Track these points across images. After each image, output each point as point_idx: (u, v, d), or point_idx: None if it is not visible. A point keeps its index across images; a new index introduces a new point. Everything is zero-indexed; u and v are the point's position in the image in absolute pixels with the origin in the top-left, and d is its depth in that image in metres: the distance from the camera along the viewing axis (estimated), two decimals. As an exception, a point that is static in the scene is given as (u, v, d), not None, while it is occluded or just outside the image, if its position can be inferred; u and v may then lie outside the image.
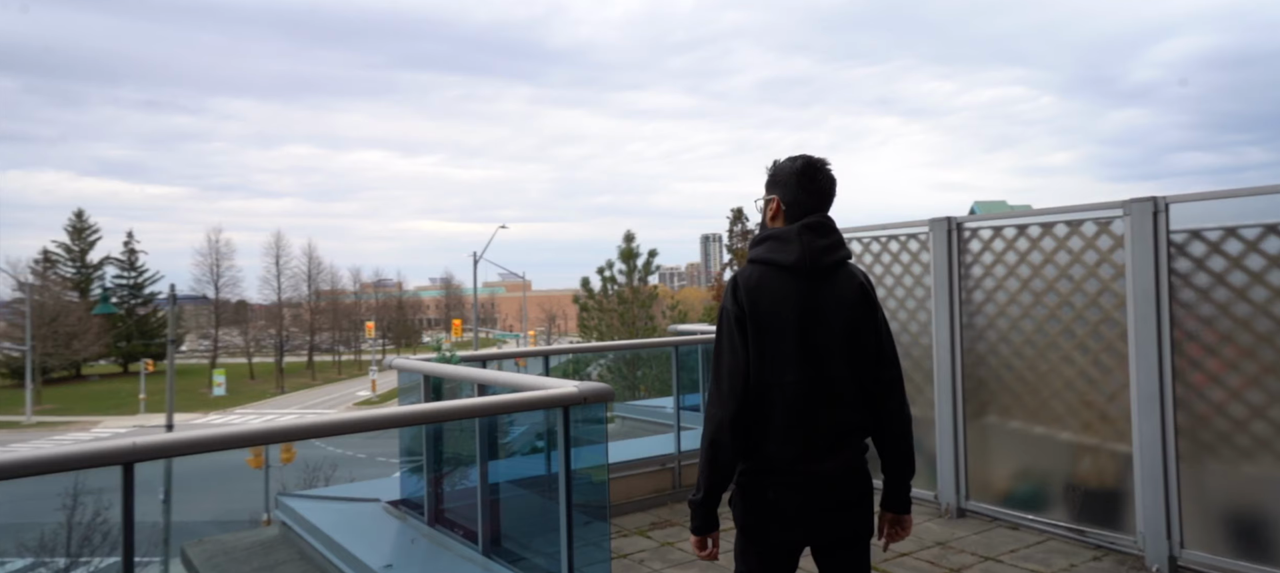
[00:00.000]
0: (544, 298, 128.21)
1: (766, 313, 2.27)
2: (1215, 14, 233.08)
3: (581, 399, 2.76)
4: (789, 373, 2.26)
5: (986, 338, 5.18)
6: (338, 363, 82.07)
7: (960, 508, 5.24)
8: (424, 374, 4.15)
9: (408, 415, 2.51)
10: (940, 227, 5.35)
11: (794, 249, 2.31)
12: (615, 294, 23.27)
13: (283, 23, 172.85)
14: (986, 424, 5.21)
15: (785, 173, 2.43)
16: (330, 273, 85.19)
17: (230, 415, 52.08)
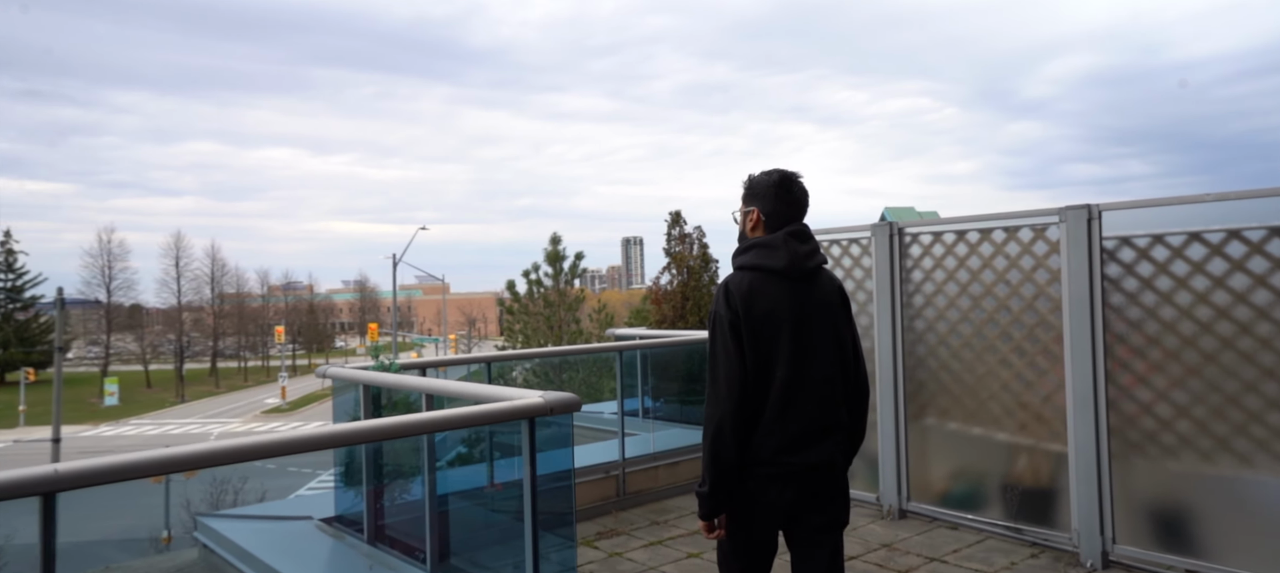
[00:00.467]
0: (463, 301, 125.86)
1: (760, 315, 2.42)
2: (1099, 35, 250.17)
3: (548, 410, 2.63)
4: (781, 370, 2.42)
5: (926, 341, 5.29)
6: (244, 370, 78.13)
7: (902, 510, 5.34)
8: (363, 384, 3.91)
9: (365, 432, 2.32)
10: (882, 231, 5.44)
11: (782, 255, 2.47)
12: (541, 297, 22.97)
13: (183, 12, 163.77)
14: (926, 426, 5.32)
15: (763, 186, 2.58)
16: (236, 275, 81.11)
17: (123, 427, 48.82)
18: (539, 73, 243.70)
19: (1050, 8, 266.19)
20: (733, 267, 2.61)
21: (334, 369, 4.28)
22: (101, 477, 2.00)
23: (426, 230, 37.54)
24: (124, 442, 43.24)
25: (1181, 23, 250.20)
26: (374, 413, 3.99)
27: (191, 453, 2.18)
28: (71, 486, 1.88)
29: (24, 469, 1.92)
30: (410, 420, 2.47)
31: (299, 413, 53.30)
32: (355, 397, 4.29)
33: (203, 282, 74.34)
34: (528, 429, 2.63)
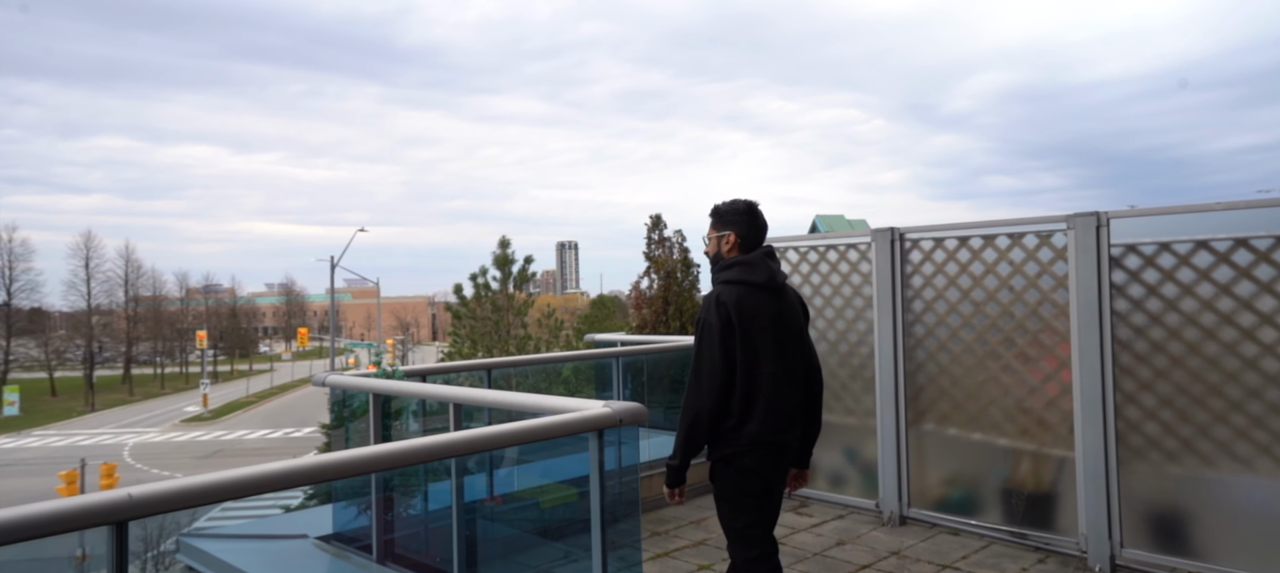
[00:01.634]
0: (395, 305, 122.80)
1: (748, 322, 2.90)
2: (1015, 53, 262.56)
3: (617, 421, 2.48)
4: (767, 366, 2.91)
5: (926, 346, 5.32)
6: (161, 377, 74.15)
7: (903, 516, 5.35)
8: (373, 392, 3.65)
9: (437, 447, 2.12)
10: (883, 237, 5.45)
11: (763, 272, 2.99)
12: (489, 301, 22.50)
13: (93, 1, 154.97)
14: (925, 431, 5.35)
15: (736, 214, 3.10)
16: (152, 277, 77.04)
17: (26, 439, 45.65)
18: (473, 75, 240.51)
19: (971, 26, 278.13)
20: (718, 282, 3.03)
21: (335, 377, 3.99)
22: (177, 501, 1.75)
23: (365, 232, 36.40)
24: (28, 454, 40.42)
25: (1091, 44, 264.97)
26: (383, 423, 3.74)
27: (283, 471, 1.94)
28: (146, 512, 1.64)
29: (96, 495, 1.67)
30: (476, 436, 2.27)
31: (222, 421, 50.89)
32: (351, 406, 4.03)
33: (115, 284, 70.42)
34: (597, 442, 2.47)
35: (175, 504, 1.72)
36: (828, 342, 5.88)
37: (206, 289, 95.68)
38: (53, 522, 1.55)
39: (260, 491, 1.93)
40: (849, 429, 5.80)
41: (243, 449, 40.86)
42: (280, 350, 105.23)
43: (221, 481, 1.85)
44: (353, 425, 4.05)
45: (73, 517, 1.57)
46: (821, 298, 5.91)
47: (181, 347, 79.29)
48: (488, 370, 4.95)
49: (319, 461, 2.04)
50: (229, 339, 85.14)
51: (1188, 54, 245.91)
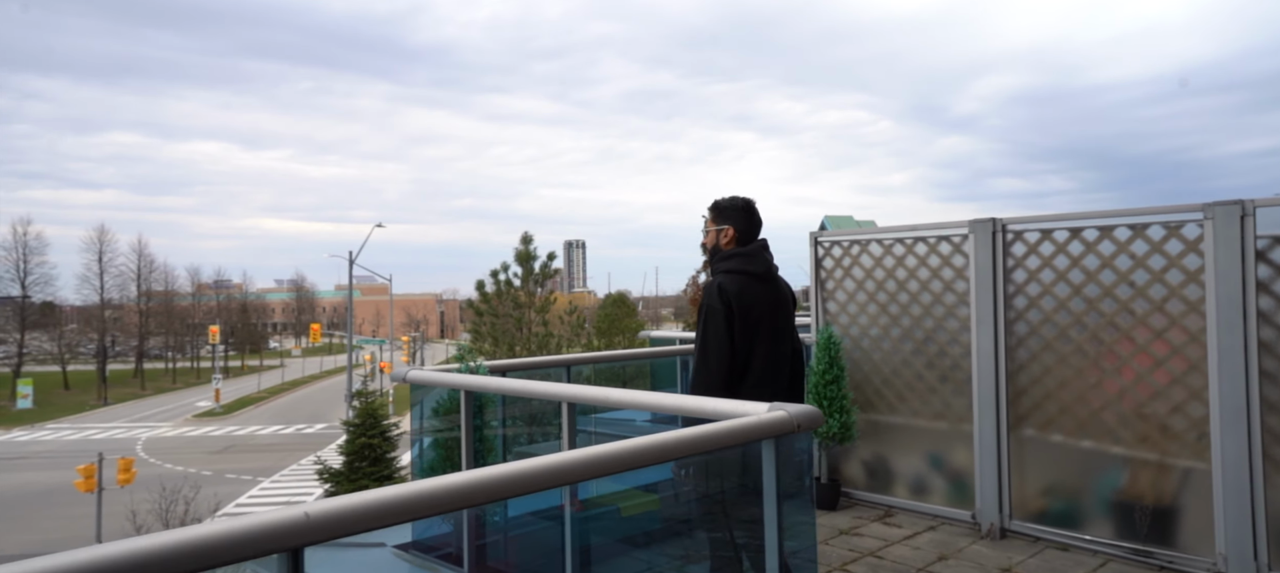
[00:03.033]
0: (404, 303, 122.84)
1: (748, 308, 3.16)
2: (1023, 56, 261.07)
3: (794, 426, 2.14)
4: (763, 348, 3.20)
5: (1028, 346, 4.96)
6: (172, 371, 74.15)
7: (1003, 528, 4.98)
8: (466, 390, 3.32)
9: (620, 456, 1.79)
10: (984, 229, 5.09)
11: (761, 263, 3.30)
12: (510, 298, 22.21)
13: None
14: (1026, 437, 4.98)
15: (734, 210, 3.38)
16: (164, 272, 77.09)
17: (39, 432, 45.64)
18: (483, 73, 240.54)
19: (979, 29, 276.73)
20: (719, 271, 3.29)
21: (417, 372, 3.66)
22: (359, 521, 1.43)
23: (382, 227, 36.16)
24: (42, 448, 40.35)
25: (1099, 46, 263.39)
26: (476, 422, 3.41)
27: (465, 485, 1.62)
28: (325, 535, 1.33)
29: (269, 516, 1.34)
30: (652, 445, 1.93)
31: (234, 417, 50.78)
32: (435, 404, 3.70)
33: (128, 278, 70.42)
34: (773, 450, 2.13)
35: (356, 524, 1.40)
36: (913, 341, 5.53)
37: (217, 285, 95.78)
38: (223, 548, 1.22)
39: (448, 508, 1.61)
40: (934, 434, 5.45)
41: (255, 445, 40.71)
42: (290, 346, 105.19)
43: (402, 496, 1.52)
44: (432, 424, 3.72)
45: (244, 543, 1.24)
46: (907, 294, 5.56)
47: (193, 342, 79.33)
48: (567, 367, 4.62)
49: (507, 472, 1.70)
50: (240, 335, 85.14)
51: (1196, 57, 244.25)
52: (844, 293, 5.97)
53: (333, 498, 1.43)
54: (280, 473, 33.51)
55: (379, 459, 18.19)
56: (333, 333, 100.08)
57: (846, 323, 5.94)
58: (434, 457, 3.60)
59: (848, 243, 5.92)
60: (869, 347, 5.81)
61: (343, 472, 18.22)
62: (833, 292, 6.05)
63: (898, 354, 5.64)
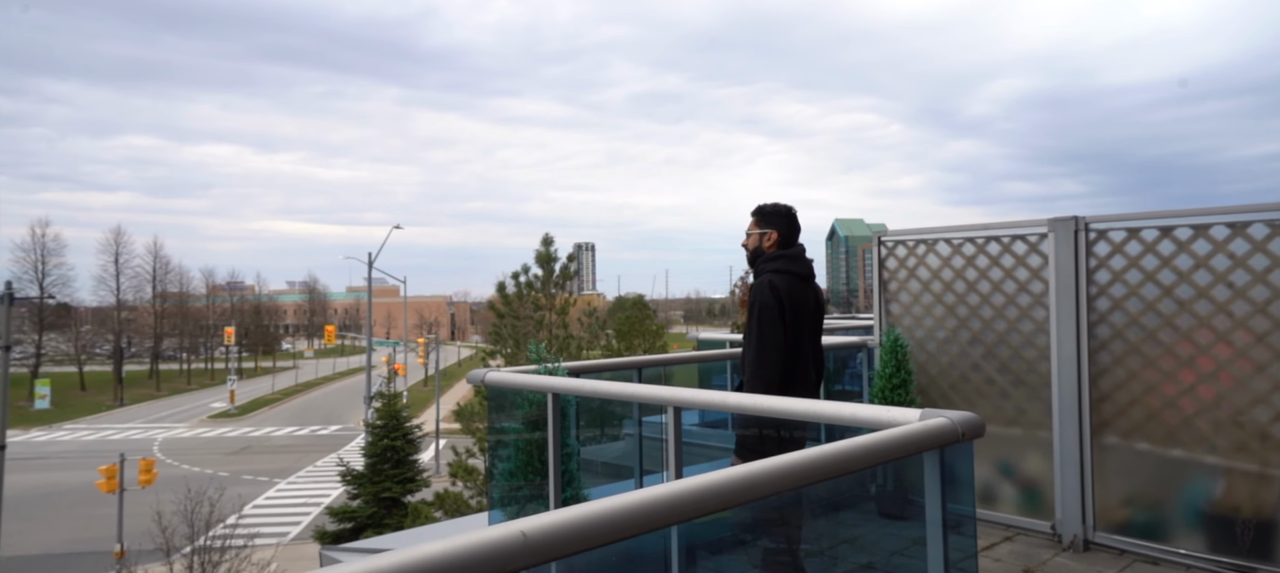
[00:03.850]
0: (416, 304, 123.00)
1: (795, 306, 3.38)
2: (1034, 59, 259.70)
3: (959, 436, 1.97)
4: (805, 344, 3.43)
5: (1111, 349, 4.77)
6: (186, 372, 74.45)
7: (1087, 540, 4.79)
8: (553, 393, 3.17)
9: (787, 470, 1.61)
10: (1065, 228, 4.90)
11: (805, 265, 3.55)
12: (531, 300, 22.08)
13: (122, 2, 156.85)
14: (1108, 445, 4.79)
15: (777, 215, 3.62)
16: (179, 274, 77.40)
17: (57, 432, 45.86)
18: (493, 77, 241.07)
19: (990, 32, 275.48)
20: (768, 271, 3.47)
21: (494, 374, 3.50)
22: (578, 539, 1.26)
23: (401, 229, 36.14)
24: (60, 448, 40.52)
25: (1112, 50, 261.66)
26: (562, 425, 3.26)
27: (697, 492, 1.45)
28: (547, 556, 1.17)
29: (485, 534, 1.18)
30: (815, 459, 1.77)
31: (248, 418, 50.89)
32: (519, 406, 3.55)
33: (143, 280, 70.76)
34: (937, 463, 1.96)
35: (576, 543, 1.24)
36: (984, 344, 5.34)
37: (231, 286, 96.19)
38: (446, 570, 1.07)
39: (678, 518, 1.45)
40: (1007, 440, 5.26)
41: (271, 446, 40.76)
42: (303, 348, 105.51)
43: (624, 509, 1.35)
44: (513, 428, 3.57)
45: (462, 565, 1.09)
46: (978, 295, 5.37)
47: (207, 343, 79.66)
48: (638, 369, 4.46)
49: (732, 477, 1.53)
50: (253, 336, 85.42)
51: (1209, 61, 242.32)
52: (908, 294, 5.79)
53: (547, 513, 1.27)
54: (297, 474, 33.50)
55: (402, 461, 18.08)
56: (345, 335, 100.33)
57: (910, 325, 5.76)
58: (516, 461, 3.44)
59: (913, 243, 5.74)
60: (935, 350, 5.63)
61: (366, 474, 18.12)
62: (896, 293, 5.87)
63: (967, 358, 5.45)
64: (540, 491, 3.43)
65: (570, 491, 3.32)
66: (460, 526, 4.45)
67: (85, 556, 22.19)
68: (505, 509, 3.59)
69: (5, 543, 17.52)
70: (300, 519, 26.19)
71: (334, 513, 18.05)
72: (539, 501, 3.36)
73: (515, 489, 3.47)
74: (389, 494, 17.38)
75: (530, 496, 3.42)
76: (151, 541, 17.10)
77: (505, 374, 3.51)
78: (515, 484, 3.49)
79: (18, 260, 61.06)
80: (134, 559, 17.21)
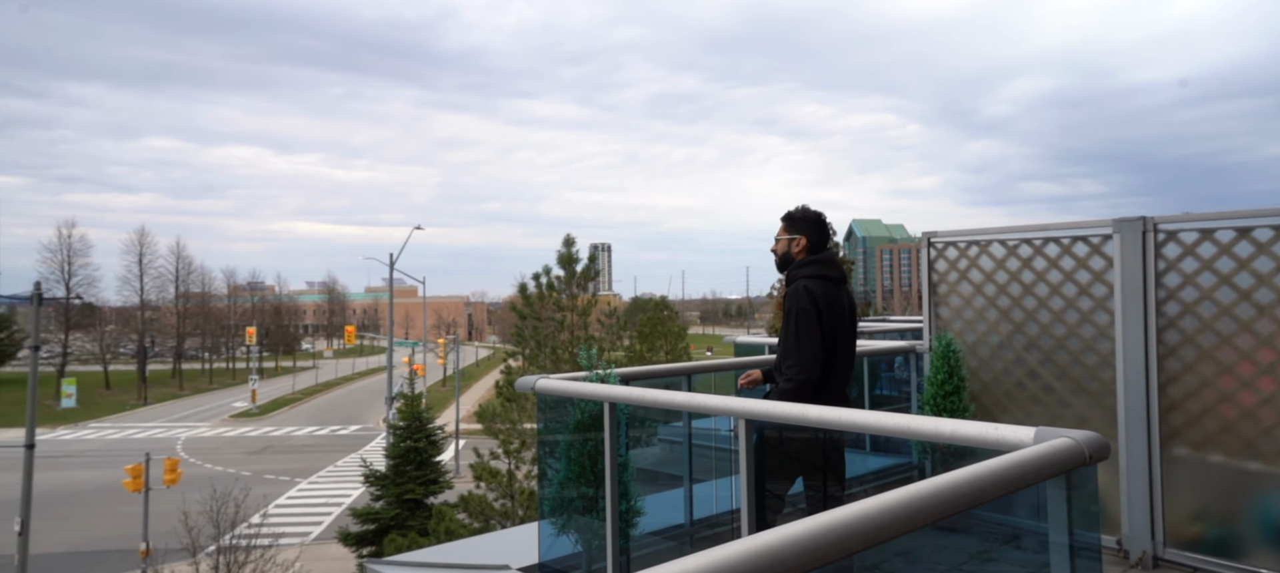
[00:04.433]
0: (434, 305, 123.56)
1: (830, 309, 3.44)
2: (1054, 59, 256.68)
3: (1085, 458, 1.79)
4: (840, 346, 3.51)
5: (1181, 356, 4.55)
6: (208, 372, 75.17)
7: (1156, 557, 4.57)
8: (610, 402, 3.02)
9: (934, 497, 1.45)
10: (1132, 229, 4.68)
11: (837, 269, 3.62)
12: (553, 302, 21.96)
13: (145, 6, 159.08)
14: (1176, 457, 4.57)
15: (806, 221, 3.68)
16: (201, 274, 78.17)
17: (83, 431, 46.41)
18: (509, 78, 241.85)
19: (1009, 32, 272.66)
20: (801, 276, 3.52)
21: (545, 381, 3.36)
22: None
23: (421, 230, 36.22)
24: (86, 446, 40.98)
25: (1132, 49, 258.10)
26: (619, 435, 3.11)
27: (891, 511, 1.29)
28: None
29: (707, 559, 1.02)
30: (940, 489, 1.60)
31: (270, 417, 51.24)
32: (575, 416, 3.40)
33: (166, 280, 71.51)
34: (1063, 491, 1.79)
35: None
36: (1041, 349, 5.13)
37: (251, 287, 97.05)
38: None
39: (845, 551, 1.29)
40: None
41: (292, 446, 40.98)
42: (322, 348, 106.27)
43: (793, 540, 1.19)
44: (564, 437, 3.42)
45: None
46: (1034, 298, 5.16)
47: (228, 343, 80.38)
48: (687, 375, 4.30)
49: (897, 507, 1.37)
50: (273, 336, 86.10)
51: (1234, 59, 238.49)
52: (959, 297, 5.58)
53: (718, 550, 1.11)
54: (317, 474, 33.64)
55: (424, 463, 18.02)
56: (363, 335, 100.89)
57: (961, 329, 5.56)
58: (568, 470, 3.30)
59: (965, 244, 5.54)
60: (989, 355, 5.42)
61: (388, 475, 18.08)
62: (946, 296, 5.67)
63: (1023, 364, 5.24)
64: (593, 502, 3.28)
65: (626, 503, 3.16)
66: (512, 537, 4.31)
67: (111, 554, 22.35)
68: (555, 519, 3.45)
69: (32, 541, 17.63)
70: (321, 519, 26.26)
71: (357, 514, 18.01)
72: (593, 513, 3.21)
73: (567, 500, 3.32)
74: (412, 496, 17.33)
75: (582, 508, 3.27)
76: (176, 540, 17.15)
77: (557, 382, 3.36)
78: (567, 495, 3.34)
79: (45, 261, 61.94)
80: (159, 558, 17.28)
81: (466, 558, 3.78)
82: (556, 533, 3.39)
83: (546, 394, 3.42)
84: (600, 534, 3.22)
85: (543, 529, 3.45)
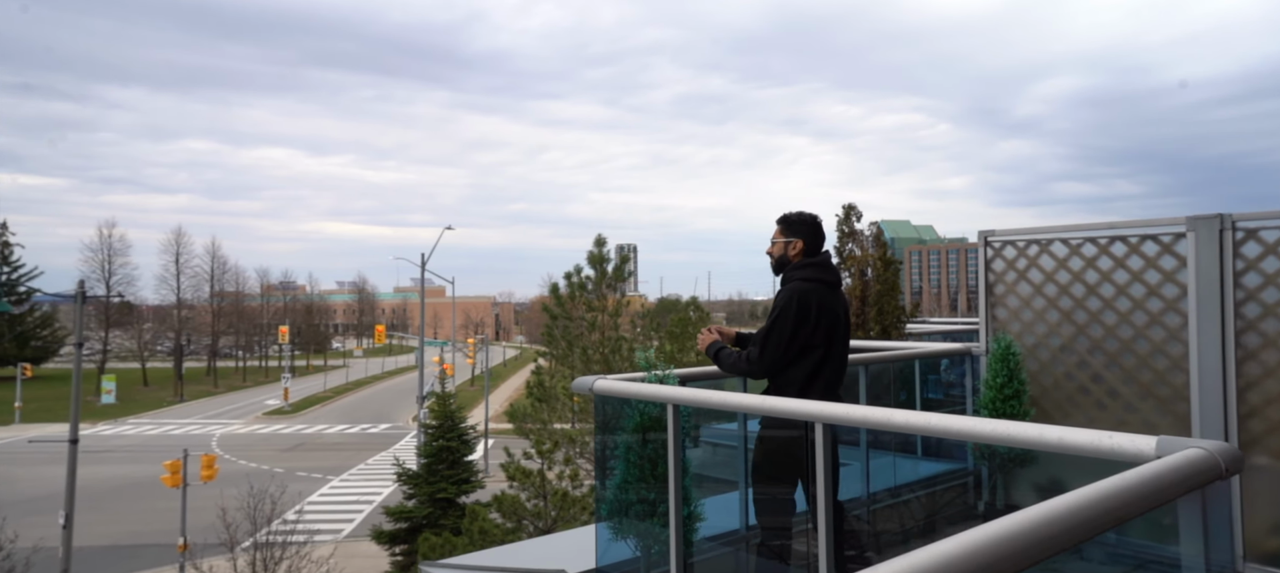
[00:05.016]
0: (461, 305, 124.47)
1: (822, 312, 3.47)
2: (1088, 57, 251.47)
3: (1221, 472, 1.65)
4: (835, 347, 3.53)
5: (1261, 360, 4.33)
6: (242, 369, 76.43)
7: (1235, 572, 4.36)
8: (674, 404, 2.92)
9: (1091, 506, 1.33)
10: (1208, 227, 4.48)
11: (833, 273, 3.67)
12: (584, 302, 21.92)
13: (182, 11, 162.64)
14: (1258, 466, 4.35)
15: (802, 224, 3.71)
16: (235, 274, 79.49)
17: (122, 426, 47.38)
18: (537, 80, 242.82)
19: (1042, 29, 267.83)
20: (796, 279, 3.55)
21: (604, 382, 3.27)
22: None
23: (452, 230, 36.45)
24: (125, 441, 41.83)
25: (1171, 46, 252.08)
26: (682, 439, 3.01)
27: None
28: None
29: None
30: (1067, 512, 1.47)
31: (301, 415, 51.93)
32: (633, 418, 3.30)
33: (202, 279, 72.80)
34: (1198, 508, 1.65)
35: None
36: (1106, 352, 4.93)
37: (283, 286, 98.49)
38: None
39: None
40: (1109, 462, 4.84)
41: (323, 444, 41.45)
42: (352, 347, 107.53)
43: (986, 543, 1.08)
44: (626, 440, 3.32)
45: None
46: (1099, 299, 4.97)
47: (261, 341, 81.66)
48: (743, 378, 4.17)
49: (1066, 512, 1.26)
50: (305, 335, 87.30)
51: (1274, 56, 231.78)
52: (1017, 298, 5.40)
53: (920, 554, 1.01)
54: (349, 472, 33.96)
55: (457, 462, 18.07)
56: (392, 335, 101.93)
57: (1019, 330, 5.37)
58: (627, 474, 3.20)
59: (1024, 243, 5.36)
60: (1049, 358, 5.24)
61: (421, 474, 18.15)
62: (1003, 297, 5.48)
63: (1087, 367, 5.05)
64: (652, 506, 3.18)
65: (688, 507, 3.06)
66: (566, 540, 4.22)
67: (149, 548, 22.73)
68: (612, 522, 3.35)
69: (74, 534, 17.95)
70: (353, 517, 26.49)
71: (391, 513, 18.11)
72: (653, 518, 3.11)
73: (626, 504, 3.22)
74: (444, 495, 17.38)
75: (642, 513, 3.17)
76: (214, 535, 17.38)
77: (616, 383, 3.27)
78: (626, 498, 3.24)
79: (86, 260, 63.37)
80: (196, 553, 17.53)
81: (522, 562, 3.69)
82: (614, 537, 3.30)
83: (605, 395, 3.33)
84: (660, 539, 3.13)
85: (600, 533, 3.35)
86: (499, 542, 14.31)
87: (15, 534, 13.69)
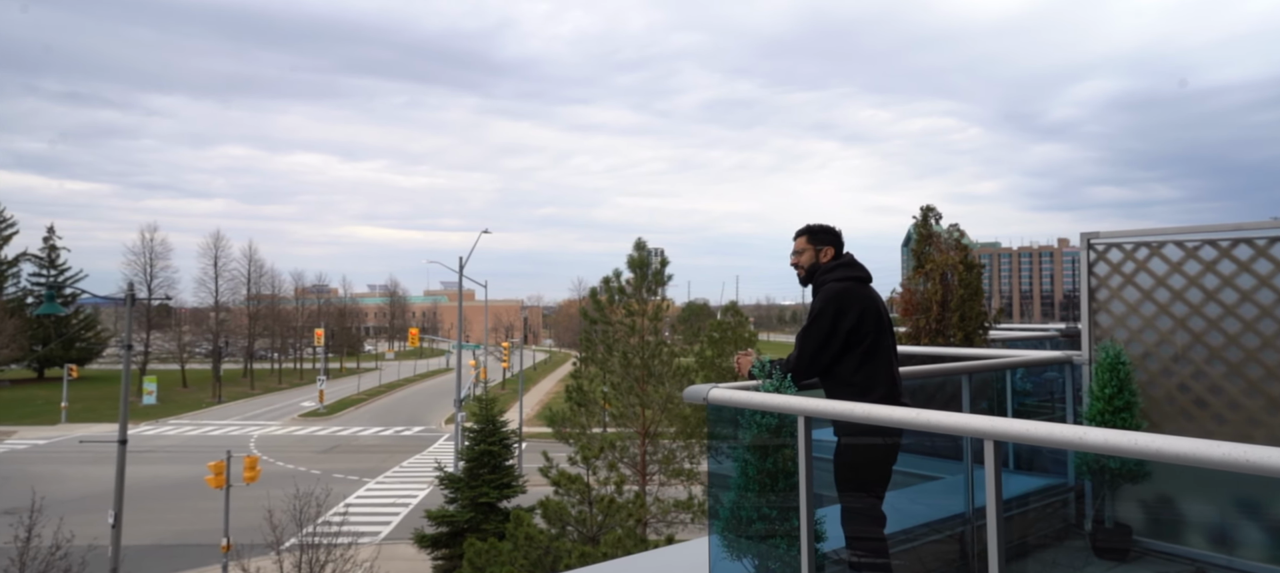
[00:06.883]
0: (491, 308, 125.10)
1: (861, 309, 3.52)
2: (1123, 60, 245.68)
3: None
4: (883, 341, 3.55)
5: None
6: (278, 372, 77.52)
7: (1381, 595, 4.03)
8: (805, 415, 2.71)
9: None
10: (1350, 227, 4.17)
11: (865, 271, 3.76)
12: (623, 306, 21.74)
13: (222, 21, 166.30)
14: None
15: (828, 232, 3.83)
16: (271, 277, 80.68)
17: (163, 427, 48.22)
18: (566, 86, 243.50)
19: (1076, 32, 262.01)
20: (832, 280, 3.62)
21: (719, 391, 3.07)
22: None
23: (489, 233, 36.54)
24: (166, 442, 42.53)
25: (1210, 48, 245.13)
26: (812, 453, 2.79)
27: None
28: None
29: None
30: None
31: (336, 417, 52.45)
32: (749, 429, 3.09)
33: (239, 282, 73.95)
34: None
35: None
36: (1227, 362, 4.63)
37: (317, 289, 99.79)
38: None
39: None
40: (1253, 474, 4.51)
41: (359, 446, 41.77)
42: (384, 350, 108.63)
43: None
44: (742, 452, 3.12)
45: None
46: (1219, 305, 4.66)
47: (296, 344, 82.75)
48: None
49: None
50: (338, 338, 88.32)
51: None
52: (1123, 304, 5.10)
53: None
54: (384, 474, 34.14)
55: (498, 467, 17.99)
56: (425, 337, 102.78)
57: (1126, 338, 5.07)
58: (747, 488, 2.99)
59: (1132, 247, 5.06)
60: (1159, 369, 4.93)
61: (463, 478, 18.10)
62: (1107, 302, 5.19)
63: (1203, 378, 4.74)
64: (773, 522, 2.97)
65: (818, 525, 2.84)
66: (675, 555, 4.02)
67: (192, 548, 22.99)
68: (726, 536, 3.14)
69: (122, 533, 18.15)
70: (390, 519, 26.57)
71: (432, 516, 18.09)
72: (779, 538, 2.90)
73: (746, 522, 3.01)
74: (485, 499, 17.30)
75: (765, 533, 2.96)
76: (257, 535, 17.48)
77: (733, 392, 3.07)
78: (743, 513, 3.03)
79: (129, 264, 64.68)
80: (239, 554, 17.64)
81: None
82: (729, 554, 3.09)
83: (720, 405, 3.13)
84: (781, 556, 2.91)
85: (713, 547, 3.15)
86: (544, 547, 14.16)
87: (72, 533, 13.83)
